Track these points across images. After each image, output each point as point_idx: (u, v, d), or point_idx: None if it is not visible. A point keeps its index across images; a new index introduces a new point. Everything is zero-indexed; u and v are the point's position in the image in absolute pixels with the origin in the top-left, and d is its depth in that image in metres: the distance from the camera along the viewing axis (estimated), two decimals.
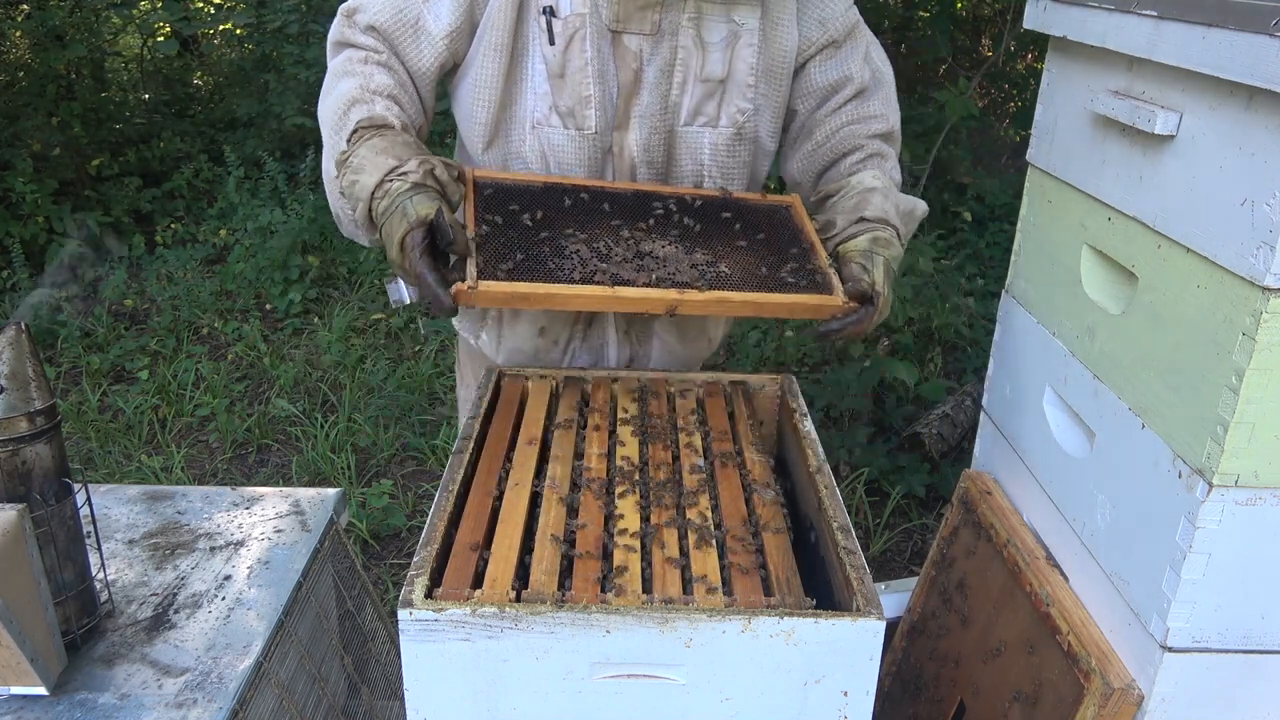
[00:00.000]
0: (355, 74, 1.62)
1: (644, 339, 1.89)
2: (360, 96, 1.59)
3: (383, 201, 1.47)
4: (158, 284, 5.07)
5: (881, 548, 3.31)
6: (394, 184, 1.47)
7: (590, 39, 1.64)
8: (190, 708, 1.34)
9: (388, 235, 1.46)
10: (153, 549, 1.68)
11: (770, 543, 1.27)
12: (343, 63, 1.64)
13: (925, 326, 4.53)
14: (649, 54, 1.66)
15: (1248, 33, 1.14)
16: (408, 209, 1.44)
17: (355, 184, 1.50)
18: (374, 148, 1.52)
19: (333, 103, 1.62)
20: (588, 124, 1.68)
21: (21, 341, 1.36)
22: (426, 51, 1.65)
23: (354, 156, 1.53)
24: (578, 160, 1.71)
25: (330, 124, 1.61)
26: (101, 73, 6.53)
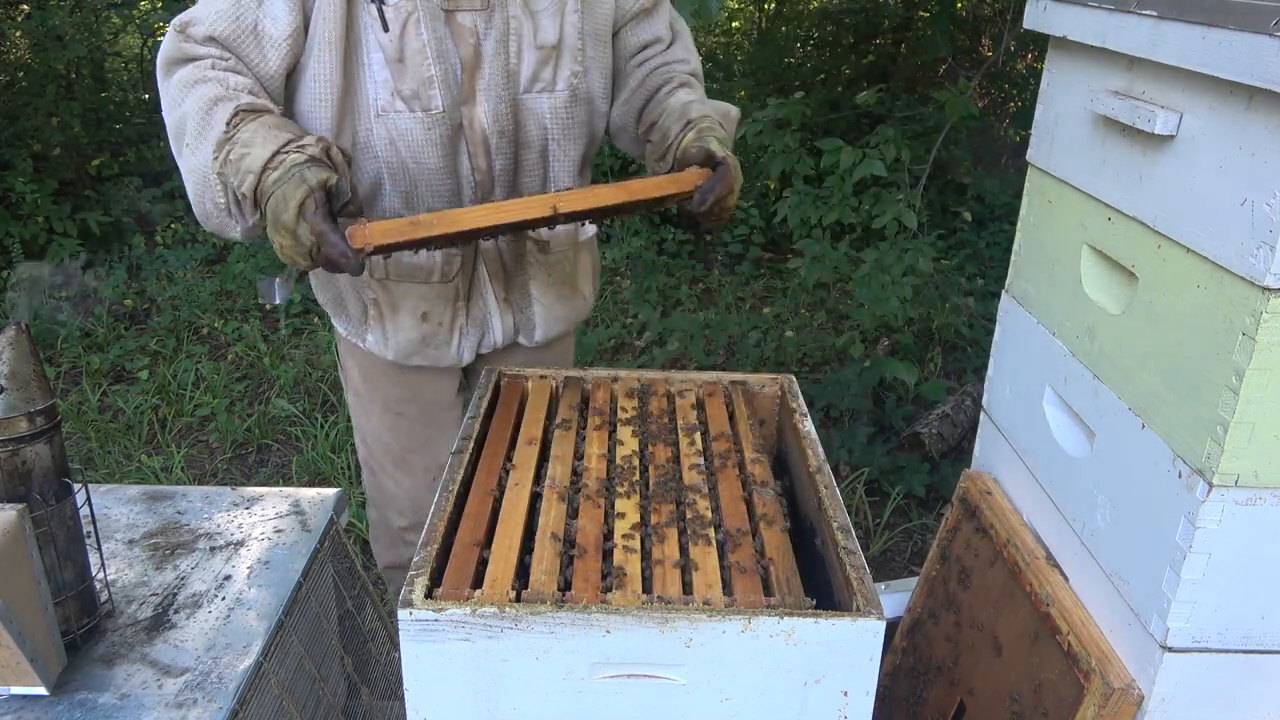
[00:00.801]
0: (208, 80, 1.58)
1: (524, 304, 1.96)
2: (223, 94, 1.56)
3: (275, 172, 1.46)
4: (158, 284, 5.07)
5: (881, 548, 3.31)
6: (290, 155, 1.47)
7: (424, 21, 1.66)
8: (190, 708, 1.34)
9: (280, 201, 1.45)
10: (153, 549, 1.68)
11: (770, 542, 1.27)
12: (189, 73, 1.59)
13: (925, 326, 4.53)
14: (484, 28, 1.71)
15: (1248, 33, 1.14)
16: (306, 175, 1.45)
17: (245, 157, 1.48)
18: (265, 124, 1.52)
19: (191, 107, 1.57)
20: (434, 104, 1.71)
21: (21, 341, 1.36)
22: (271, 56, 1.63)
23: (241, 133, 1.51)
24: (427, 140, 1.73)
25: (194, 121, 1.56)
26: (101, 73, 6.53)
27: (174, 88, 1.61)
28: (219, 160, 1.51)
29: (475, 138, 1.77)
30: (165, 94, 1.64)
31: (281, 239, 1.48)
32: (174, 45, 1.62)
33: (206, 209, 1.59)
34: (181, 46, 1.62)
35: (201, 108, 1.55)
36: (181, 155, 1.60)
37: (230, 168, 1.50)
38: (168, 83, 1.63)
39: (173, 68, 1.63)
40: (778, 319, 4.93)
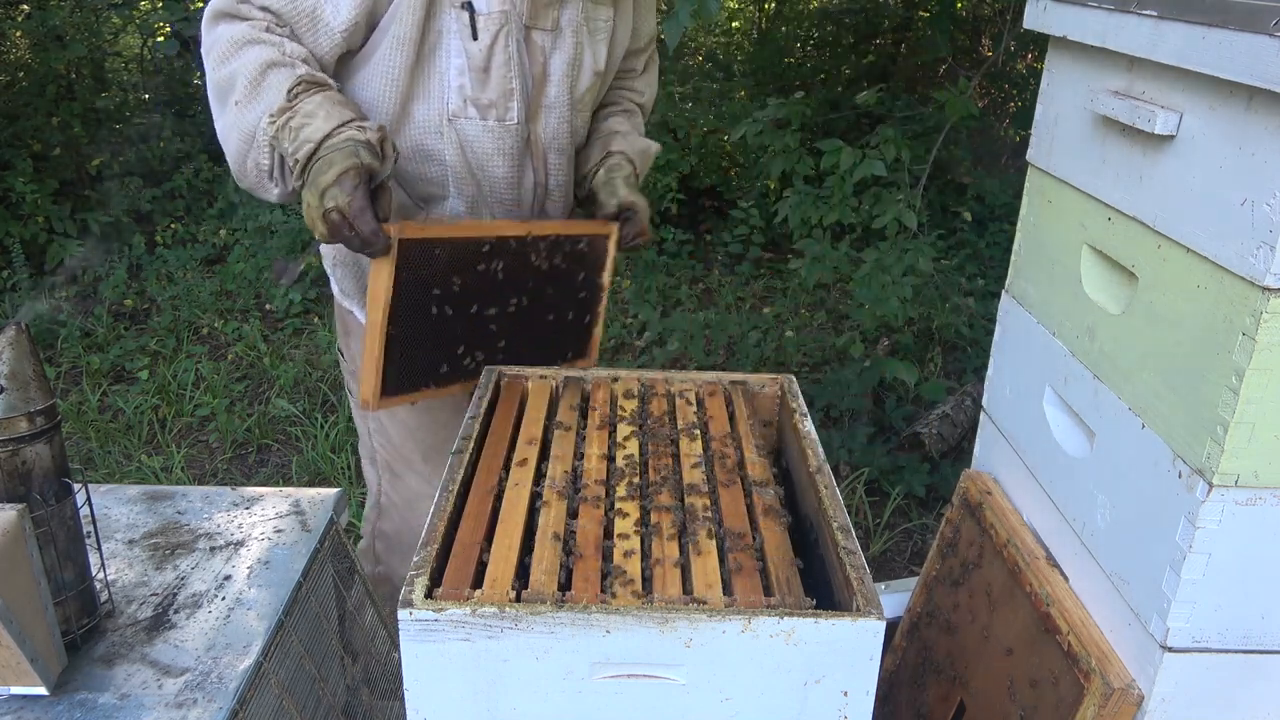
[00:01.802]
0: (263, 41, 1.56)
1: None
2: (279, 59, 1.55)
3: (333, 140, 1.49)
4: (158, 284, 5.07)
5: (881, 548, 3.31)
6: (352, 131, 1.50)
7: (513, 34, 1.69)
8: (190, 708, 1.34)
9: (326, 164, 1.48)
10: (153, 549, 1.68)
11: (770, 542, 1.27)
12: (242, 31, 1.57)
13: (925, 326, 4.54)
14: (550, 48, 1.77)
15: (1248, 33, 1.14)
16: (360, 152, 1.48)
17: (305, 127, 1.50)
18: (329, 99, 1.53)
19: (243, 65, 1.56)
20: (510, 115, 1.75)
21: (21, 341, 1.36)
22: (324, 42, 1.64)
23: (304, 103, 1.52)
24: (497, 149, 1.77)
25: (246, 80, 1.55)
26: (102, 73, 6.53)
27: (223, 43, 1.59)
28: (275, 125, 1.52)
29: (538, 151, 1.83)
30: (211, 47, 1.61)
31: (310, 198, 1.50)
32: (232, 3, 1.61)
33: (246, 167, 1.61)
34: (236, 4, 1.60)
35: (255, 69, 1.54)
36: (226, 112, 1.60)
37: (288, 134, 1.51)
38: (213, 34, 1.61)
39: (220, 21, 1.61)
40: (778, 319, 4.93)
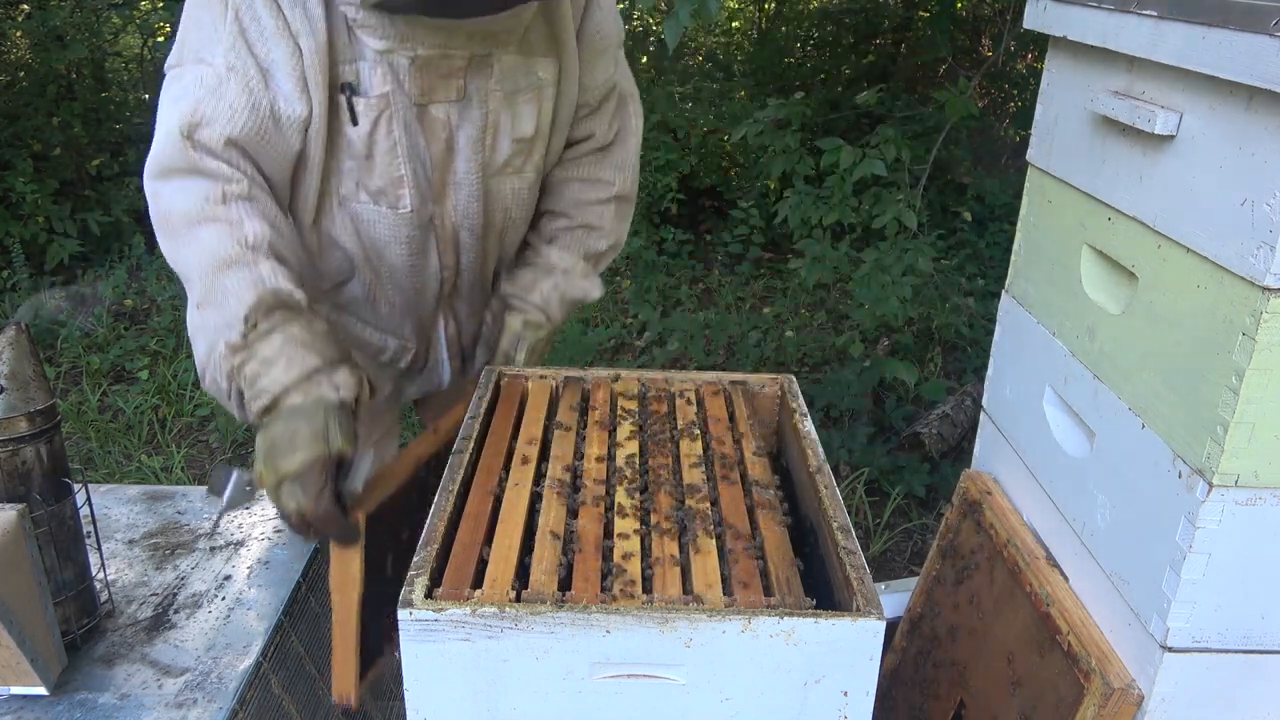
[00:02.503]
0: (216, 219, 1.40)
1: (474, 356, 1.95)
2: (236, 255, 1.38)
3: (296, 398, 1.33)
4: (158, 284, 5.07)
5: (881, 548, 3.31)
6: (320, 388, 1.34)
7: (398, 117, 1.54)
8: (190, 708, 1.34)
9: (287, 445, 1.29)
10: (153, 549, 1.68)
11: (770, 542, 1.27)
12: (194, 203, 1.41)
13: (925, 326, 4.54)
14: (458, 120, 1.60)
15: (1248, 33, 1.14)
16: (331, 433, 1.31)
17: (261, 376, 1.34)
18: (292, 339, 1.35)
19: (196, 258, 1.40)
20: (402, 203, 1.61)
21: (21, 341, 1.36)
22: (293, 139, 1.51)
23: (261, 345, 1.34)
24: (394, 237, 1.65)
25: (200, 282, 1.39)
26: (102, 73, 6.53)
27: (174, 217, 1.43)
28: (230, 362, 1.36)
29: (445, 234, 1.70)
30: (161, 218, 1.44)
31: (266, 473, 1.31)
32: (177, 152, 1.43)
33: (206, 375, 1.43)
34: (188, 156, 1.43)
35: (210, 266, 1.38)
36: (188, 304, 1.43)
37: (244, 378, 1.36)
38: (160, 202, 1.44)
39: (168, 179, 1.44)
40: (778, 319, 4.93)
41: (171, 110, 1.45)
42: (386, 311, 1.78)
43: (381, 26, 1.47)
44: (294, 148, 1.52)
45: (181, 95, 1.45)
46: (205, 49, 1.45)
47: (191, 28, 1.47)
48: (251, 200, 1.44)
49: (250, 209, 1.43)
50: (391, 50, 1.49)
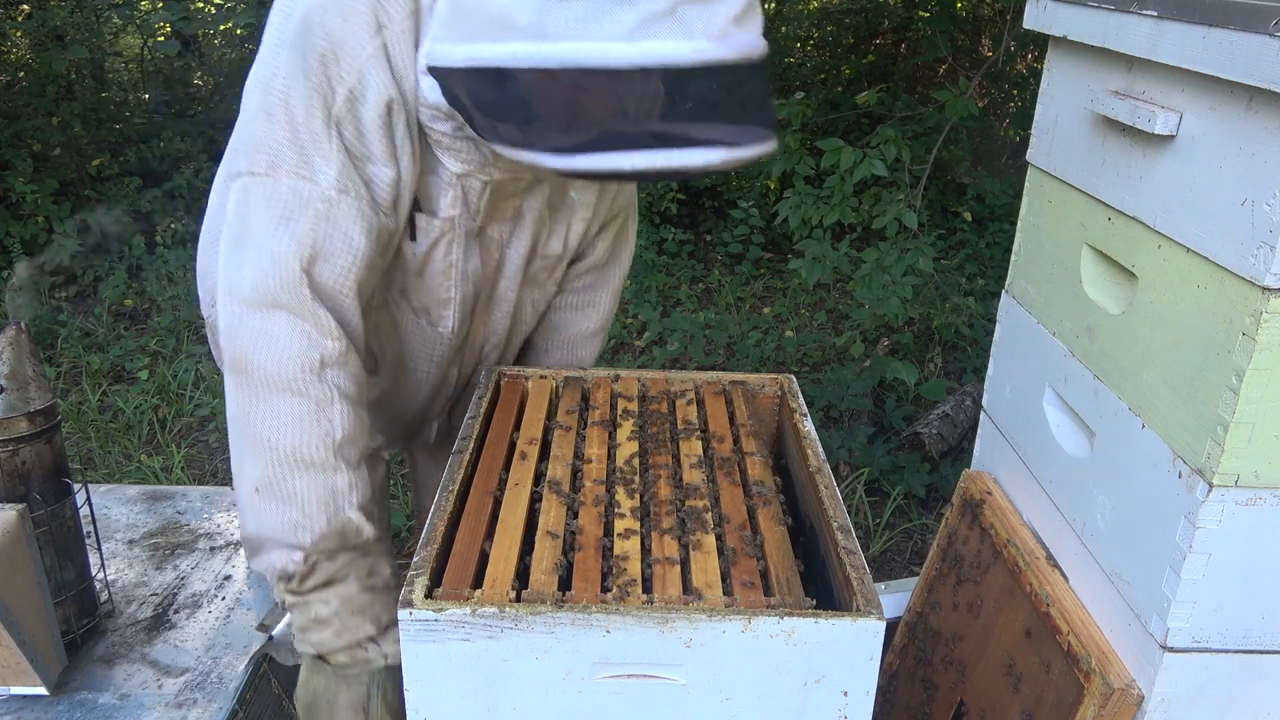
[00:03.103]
0: (306, 395, 1.30)
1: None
2: (319, 459, 1.30)
3: (343, 658, 1.33)
4: (158, 284, 5.07)
5: (881, 548, 3.31)
6: (368, 653, 1.34)
7: (458, 241, 1.50)
8: (190, 708, 1.34)
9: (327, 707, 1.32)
10: (153, 549, 1.68)
11: (770, 542, 1.27)
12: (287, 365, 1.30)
13: (925, 326, 4.54)
14: (509, 238, 1.59)
15: (1248, 33, 1.14)
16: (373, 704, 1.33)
17: (312, 630, 1.32)
18: (348, 601, 1.32)
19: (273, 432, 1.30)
20: (444, 324, 1.59)
21: (21, 341, 1.36)
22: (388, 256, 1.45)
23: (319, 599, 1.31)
24: (424, 352, 1.62)
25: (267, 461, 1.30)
26: (102, 73, 6.53)
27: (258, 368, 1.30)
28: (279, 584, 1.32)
29: (472, 348, 1.69)
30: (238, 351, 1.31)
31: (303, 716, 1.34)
32: (290, 287, 1.30)
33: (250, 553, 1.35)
34: (302, 295, 1.30)
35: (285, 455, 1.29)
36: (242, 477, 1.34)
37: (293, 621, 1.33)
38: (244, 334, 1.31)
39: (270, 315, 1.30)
40: (778, 319, 4.93)
41: (278, 233, 1.30)
42: (387, 415, 1.74)
43: (465, 150, 1.41)
44: (386, 264, 1.47)
45: (288, 216, 1.30)
46: (306, 163, 1.31)
47: (284, 130, 1.31)
48: (345, 367, 1.34)
49: (341, 381, 1.34)
50: (469, 174, 1.44)
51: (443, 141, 1.40)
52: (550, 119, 1.17)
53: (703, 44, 1.12)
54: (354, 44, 1.28)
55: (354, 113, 1.31)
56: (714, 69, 1.14)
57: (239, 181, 1.33)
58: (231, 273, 1.33)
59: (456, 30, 1.22)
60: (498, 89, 1.19)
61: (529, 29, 1.12)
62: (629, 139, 1.15)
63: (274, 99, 1.30)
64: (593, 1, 1.09)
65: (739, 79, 1.16)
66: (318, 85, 1.29)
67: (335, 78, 1.29)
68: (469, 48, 1.20)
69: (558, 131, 1.17)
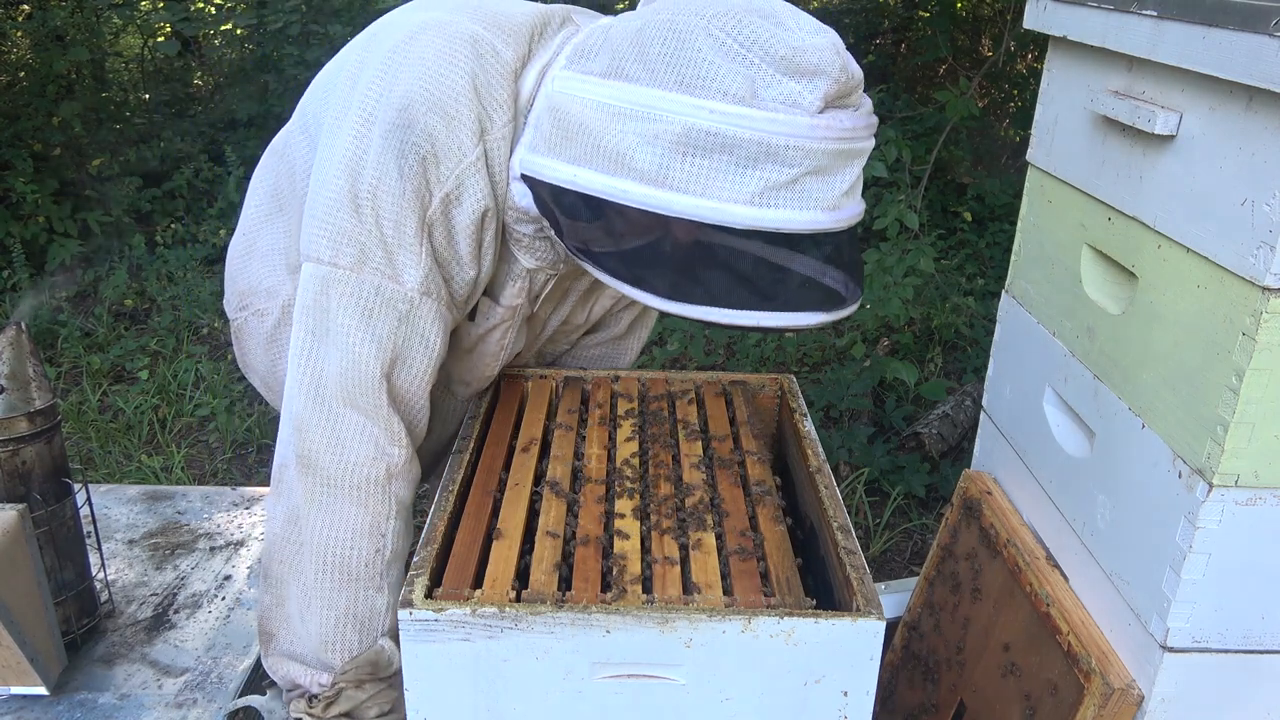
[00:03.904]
0: (367, 502, 1.32)
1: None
2: (363, 572, 1.31)
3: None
4: (158, 284, 5.07)
5: (881, 548, 3.30)
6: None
7: (515, 326, 1.53)
8: (190, 708, 1.34)
9: None
10: (153, 549, 1.68)
11: (770, 542, 1.27)
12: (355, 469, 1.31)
13: (925, 326, 4.53)
14: (550, 312, 1.63)
15: (1248, 33, 1.14)
16: None
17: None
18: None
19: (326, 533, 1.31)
20: (470, 392, 1.63)
21: (21, 341, 1.36)
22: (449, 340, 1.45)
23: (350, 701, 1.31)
24: (453, 414, 1.65)
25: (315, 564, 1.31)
26: (102, 73, 6.53)
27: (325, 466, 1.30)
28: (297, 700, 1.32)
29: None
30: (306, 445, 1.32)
31: None
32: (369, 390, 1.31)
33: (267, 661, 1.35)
34: (379, 400, 1.31)
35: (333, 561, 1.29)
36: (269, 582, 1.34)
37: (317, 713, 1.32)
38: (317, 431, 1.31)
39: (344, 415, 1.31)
40: None
41: (360, 333, 1.30)
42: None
43: (541, 250, 1.43)
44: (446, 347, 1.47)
45: (369, 314, 1.30)
46: (391, 263, 1.30)
47: (372, 225, 1.29)
48: (406, 476, 1.37)
49: (400, 490, 1.36)
50: (540, 270, 1.47)
51: (522, 241, 1.41)
52: (654, 261, 1.20)
53: (818, 215, 1.15)
54: (456, 150, 1.27)
55: (448, 217, 1.31)
56: (823, 237, 1.18)
57: (320, 269, 1.31)
58: (310, 364, 1.32)
59: (562, 150, 1.22)
60: (599, 215, 1.22)
61: (648, 174, 1.14)
62: (733, 299, 1.18)
63: (363, 191, 1.28)
64: (719, 161, 1.12)
65: (842, 245, 1.20)
66: (415, 188, 1.27)
67: (434, 181, 1.28)
68: (576, 171, 1.21)
69: (659, 275, 1.21)
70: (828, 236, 1.17)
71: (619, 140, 1.14)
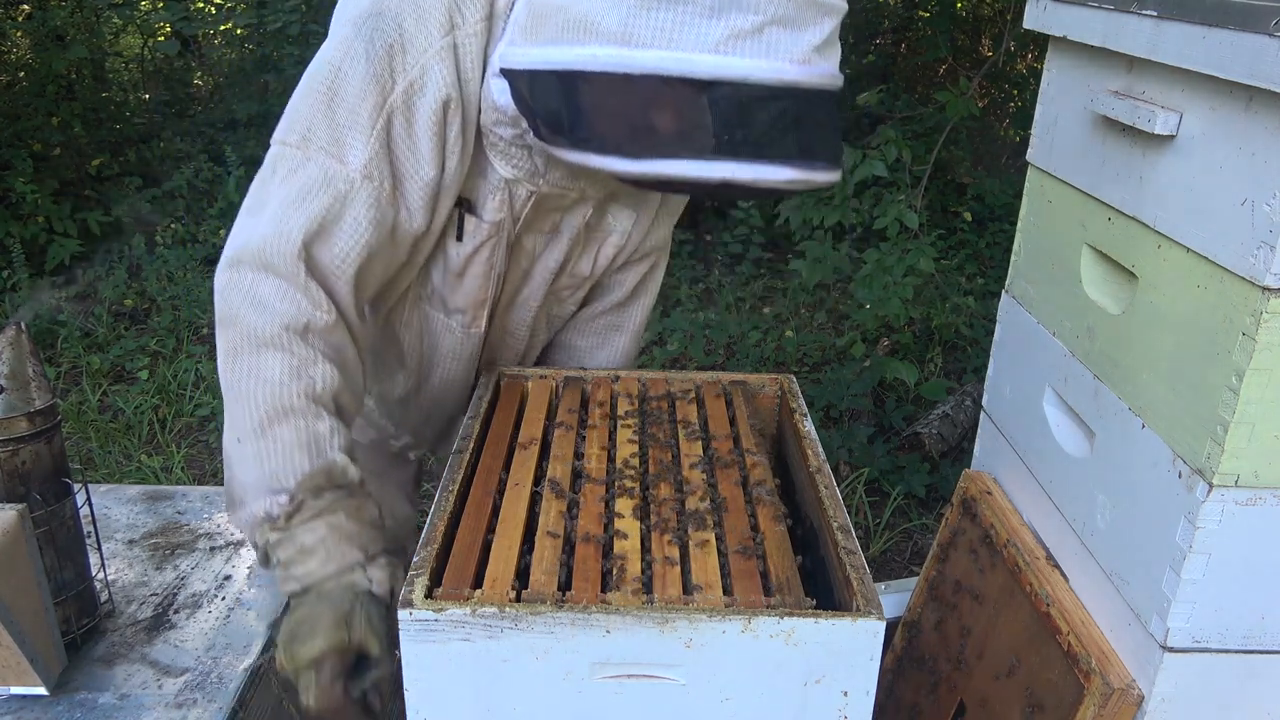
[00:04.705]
0: (289, 350, 1.30)
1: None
2: (297, 406, 1.28)
3: (328, 585, 1.25)
4: (158, 284, 5.07)
5: (881, 548, 3.31)
6: (355, 576, 1.26)
7: (500, 245, 1.53)
8: (190, 708, 1.34)
9: (309, 630, 1.21)
10: (153, 549, 1.68)
11: (770, 542, 1.27)
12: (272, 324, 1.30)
13: (925, 326, 4.53)
14: (542, 251, 1.61)
15: (1248, 33, 1.14)
16: (356, 621, 1.22)
17: (297, 564, 1.25)
18: (336, 529, 1.26)
19: (254, 385, 1.29)
20: (477, 325, 1.63)
21: (21, 341, 1.36)
22: (402, 251, 1.44)
23: (305, 530, 1.25)
24: (453, 353, 1.66)
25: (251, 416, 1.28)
26: (102, 73, 6.53)
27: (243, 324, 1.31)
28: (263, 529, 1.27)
29: (491, 349, 1.73)
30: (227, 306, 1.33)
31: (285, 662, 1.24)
32: (287, 258, 1.31)
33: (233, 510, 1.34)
34: (297, 268, 1.31)
35: (266, 406, 1.28)
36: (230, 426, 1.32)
37: (277, 561, 1.27)
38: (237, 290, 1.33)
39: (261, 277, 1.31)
40: (778, 319, 4.93)
41: (294, 205, 1.32)
42: (416, 414, 1.77)
43: (518, 158, 1.43)
44: (400, 259, 1.47)
45: (306, 192, 1.32)
46: (340, 145, 1.32)
47: (326, 106, 1.32)
48: (332, 338, 1.35)
49: (326, 348, 1.34)
50: (518, 181, 1.46)
51: (499, 145, 1.42)
52: (624, 123, 1.18)
53: (785, 66, 1.14)
54: (424, 40, 1.31)
55: (409, 105, 1.33)
56: (792, 92, 1.15)
57: (274, 149, 1.36)
58: (239, 235, 1.35)
59: (534, 34, 1.24)
60: (572, 91, 1.21)
61: (614, 34, 1.14)
62: (701, 148, 1.15)
63: (323, 74, 1.33)
64: (682, 13, 1.11)
65: (813, 105, 1.18)
66: (378, 74, 1.31)
67: (399, 69, 1.31)
68: (547, 50, 1.22)
69: (629, 136, 1.18)
70: (799, 95, 1.15)
71: (586, 6, 1.15)
